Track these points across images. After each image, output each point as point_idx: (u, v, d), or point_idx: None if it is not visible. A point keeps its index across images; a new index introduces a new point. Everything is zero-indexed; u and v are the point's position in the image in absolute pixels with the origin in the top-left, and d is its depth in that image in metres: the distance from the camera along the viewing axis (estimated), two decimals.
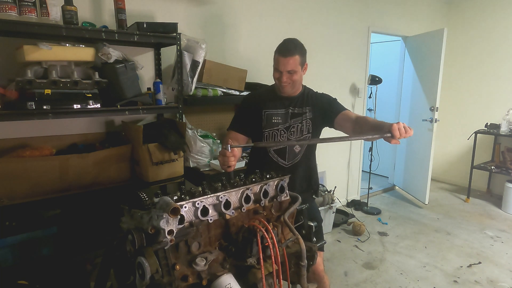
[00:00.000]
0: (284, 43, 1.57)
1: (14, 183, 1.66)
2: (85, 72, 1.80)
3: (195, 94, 2.29)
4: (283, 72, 1.55)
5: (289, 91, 1.64)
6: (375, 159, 4.31)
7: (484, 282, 2.54)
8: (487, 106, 4.51)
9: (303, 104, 1.67)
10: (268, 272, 1.02)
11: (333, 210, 3.25)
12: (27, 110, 1.58)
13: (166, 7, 2.33)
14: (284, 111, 1.66)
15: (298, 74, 1.58)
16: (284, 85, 1.58)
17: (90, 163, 1.86)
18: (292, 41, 1.57)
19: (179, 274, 0.89)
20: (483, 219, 3.74)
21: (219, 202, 1.01)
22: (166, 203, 0.83)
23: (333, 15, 3.44)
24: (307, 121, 1.66)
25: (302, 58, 1.57)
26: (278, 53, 1.56)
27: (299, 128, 1.66)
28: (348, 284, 2.51)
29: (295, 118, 1.66)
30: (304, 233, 1.30)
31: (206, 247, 0.99)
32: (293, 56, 1.52)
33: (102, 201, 1.89)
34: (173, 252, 0.91)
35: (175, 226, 0.87)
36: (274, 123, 1.65)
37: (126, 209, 0.96)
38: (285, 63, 1.53)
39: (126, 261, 0.90)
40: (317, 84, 3.46)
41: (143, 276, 0.84)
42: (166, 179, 2.08)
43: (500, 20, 4.32)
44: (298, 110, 1.67)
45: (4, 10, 1.48)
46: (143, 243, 0.85)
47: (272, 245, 0.99)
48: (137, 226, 0.90)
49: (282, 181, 1.19)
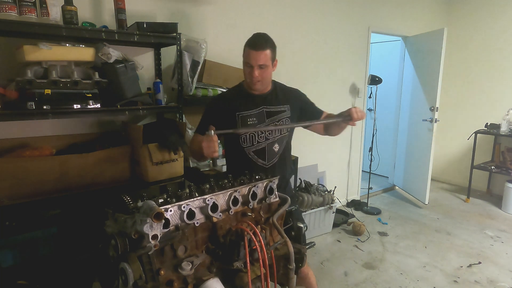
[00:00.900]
0: (255, 36, 1.55)
1: (14, 183, 1.66)
2: (85, 72, 1.80)
3: (195, 94, 2.28)
4: (254, 67, 1.52)
5: (260, 88, 1.61)
6: (375, 159, 4.31)
7: (484, 282, 2.54)
8: (487, 106, 4.51)
9: (278, 102, 1.66)
10: (256, 276, 1.00)
11: (333, 210, 3.25)
12: (27, 110, 1.57)
13: (166, 7, 2.33)
14: (258, 110, 1.63)
15: (269, 70, 1.56)
16: (255, 80, 1.55)
17: (90, 163, 1.86)
18: (263, 36, 1.56)
19: (164, 279, 0.87)
20: (483, 219, 3.74)
21: (206, 204, 0.98)
22: (149, 208, 0.81)
23: (333, 15, 3.44)
24: (286, 119, 1.65)
25: (273, 53, 1.56)
26: (249, 47, 1.53)
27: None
28: (348, 284, 2.51)
29: (272, 117, 1.64)
30: (294, 235, 1.28)
31: (193, 250, 0.97)
32: (264, 50, 1.51)
33: (102, 201, 1.89)
34: (158, 256, 0.88)
35: (160, 231, 0.85)
36: (250, 125, 1.61)
37: (110, 213, 0.94)
38: (257, 57, 1.50)
39: (110, 266, 0.88)
40: (317, 84, 3.49)
41: (126, 282, 0.82)
42: (166, 179, 2.08)
43: (500, 20, 4.32)
44: (274, 108, 1.64)
45: (4, 10, 1.48)
46: (126, 248, 0.83)
47: (260, 248, 0.97)
48: (121, 230, 0.88)
49: (271, 183, 1.17)
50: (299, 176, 3.13)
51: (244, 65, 1.57)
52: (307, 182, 3.27)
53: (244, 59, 1.56)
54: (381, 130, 4.49)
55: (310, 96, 1.80)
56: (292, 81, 3.15)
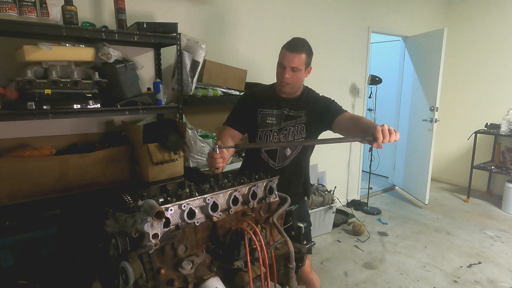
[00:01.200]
0: (294, 39, 1.56)
1: (14, 183, 1.66)
2: (85, 72, 1.80)
3: (195, 94, 2.28)
4: (286, 68, 1.51)
5: (288, 91, 1.60)
6: (375, 159, 4.31)
7: (484, 282, 2.54)
8: (487, 106, 4.51)
9: (299, 107, 1.63)
10: (256, 275, 1.00)
11: (333, 210, 3.25)
12: (27, 110, 1.57)
13: (166, 7, 2.33)
14: (279, 112, 1.63)
15: (301, 74, 1.54)
16: (285, 82, 1.54)
17: (90, 163, 1.86)
18: (302, 40, 1.57)
19: (164, 279, 0.87)
20: (483, 219, 3.74)
21: (206, 204, 0.98)
22: (150, 207, 0.81)
23: (333, 15, 3.44)
24: (301, 125, 1.62)
25: (308, 59, 1.55)
26: (285, 48, 1.53)
27: (291, 131, 1.62)
28: (348, 284, 2.51)
29: (289, 121, 1.62)
30: (294, 235, 1.28)
31: (193, 250, 0.97)
32: (299, 54, 1.50)
33: (102, 201, 1.89)
34: (159, 255, 0.88)
35: (160, 230, 0.85)
36: (268, 124, 1.62)
37: (111, 212, 0.94)
38: (291, 59, 1.50)
39: (110, 265, 0.88)
40: (317, 84, 3.46)
41: (126, 281, 0.82)
42: (166, 179, 2.08)
43: (500, 20, 4.32)
44: (293, 113, 1.62)
45: (4, 10, 1.48)
46: (127, 247, 0.83)
47: (260, 248, 0.97)
48: (121, 229, 0.88)
49: (271, 182, 1.17)
50: None
51: (278, 65, 1.56)
52: None
53: (279, 59, 1.55)
54: None
55: None
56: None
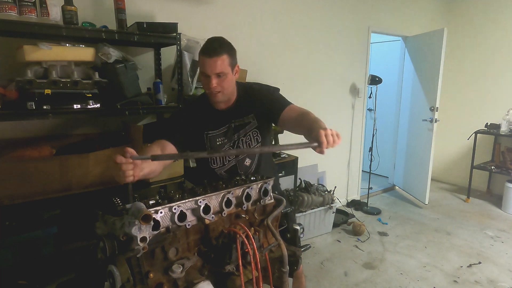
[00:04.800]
0: (209, 41, 1.39)
1: (14, 183, 1.66)
2: (85, 72, 1.80)
3: (195, 94, 2.28)
4: (211, 76, 1.34)
5: (221, 99, 1.42)
6: (375, 159, 4.31)
7: (484, 282, 2.54)
8: (487, 106, 4.51)
9: (244, 112, 1.49)
10: (248, 279, 0.98)
11: (333, 210, 3.25)
12: (27, 110, 1.57)
13: (166, 7, 2.33)
14: (226, 128, 1.48)
15: (229, 78, 1.37)
16: (215, 91, 1.37)
17: (90, 163, 1.85)
18: (217, 40, 1.40)
19: (153, 283, 0.86)
20: (483, 219, 3.74)
21: (198, 206, 0.96)
22: (137, 210, 0.80)
23: (333, 15, 3.44)
24: (253, 131, 1.50)
25: (231, 59, 1.39)
26: (202, 54, 1.35)
27: (245, 142, 1.50)
28: (348, 284, 2.51)
29: (239, 132, 1.49)
30: (289, 237, 1.25)
31: (184, 253, 0.95)
32: (220, 56, 1.33)
33: (102, 201, 1.89)
34: (148, 259, 0.86)
35: (149, 233, 0.83)
36: (219, 146, 1.47)
37: (100, 214, 0.92)
38: (212, 64, 1.33)
39: (99, 267, 0.87)
40: (317, 84, 3.49)
41: (113, 285, 0.80)
42: (166, 179, 2.08)
43: (500, 20, 4.32)
44: (240, 121, 1.49)
45: (4, 10, 1.48)
46: (114, 250, 0.81)
47: (252, 252, 0.94)
48: (109, 232, 0.86)
49: (266, 184, 1.15)
50: (299, 176, 3.13)
51: (201, 75, 1.39)
52: (307, 182, 3.27)
53: (199, 68, 1.39)
54: (381, 130, 4.49)
55: (310, 96, 1.78)
56: (292, 81, 3.16)
